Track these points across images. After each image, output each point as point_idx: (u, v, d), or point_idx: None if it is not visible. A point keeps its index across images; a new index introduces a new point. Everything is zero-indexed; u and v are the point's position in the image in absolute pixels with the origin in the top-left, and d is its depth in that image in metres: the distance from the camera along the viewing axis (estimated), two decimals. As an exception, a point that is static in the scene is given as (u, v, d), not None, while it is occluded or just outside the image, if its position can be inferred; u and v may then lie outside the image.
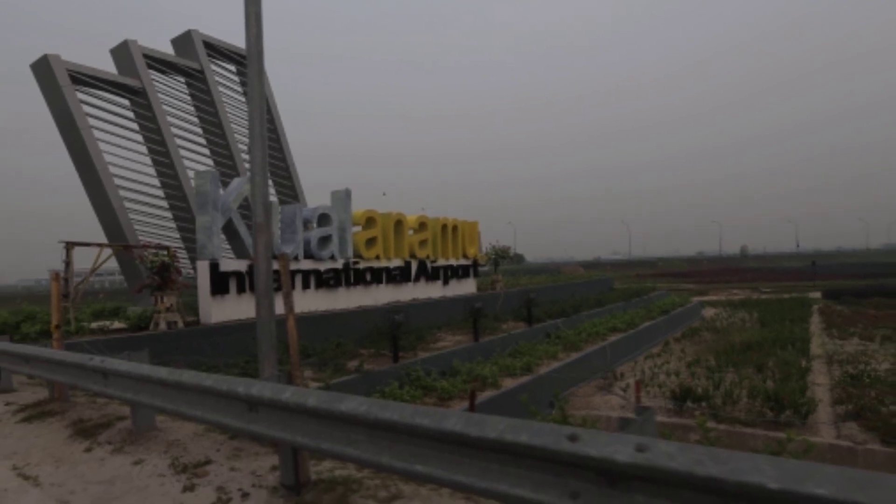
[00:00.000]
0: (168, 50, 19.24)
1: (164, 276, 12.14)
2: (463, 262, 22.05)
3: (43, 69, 15.58)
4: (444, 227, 20.86)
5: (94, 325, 12.76)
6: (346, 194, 16.68)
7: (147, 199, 17.58)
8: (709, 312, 28.25)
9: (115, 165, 16.62)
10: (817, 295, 34.83)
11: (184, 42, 19.52)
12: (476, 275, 23.28)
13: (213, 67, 20.12)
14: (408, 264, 18.95)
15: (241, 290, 13.28)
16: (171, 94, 18.90)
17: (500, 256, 26.19)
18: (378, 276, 17.62)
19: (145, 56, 17.66)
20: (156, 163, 18.03)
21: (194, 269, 14.58)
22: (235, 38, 19.27)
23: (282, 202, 20.34)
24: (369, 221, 17.55)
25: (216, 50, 20.33)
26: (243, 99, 20.76)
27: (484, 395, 10.34)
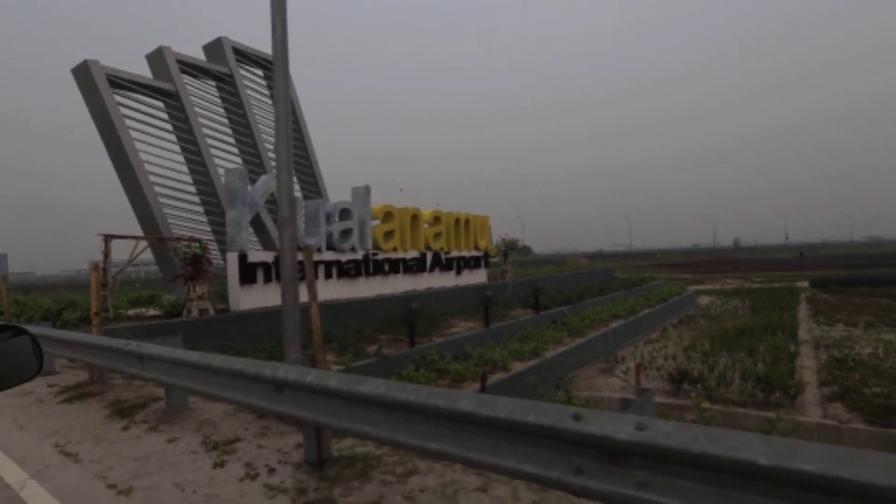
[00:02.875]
0: (200, 56, 19.32)
1: (196, 266, 12.21)
2: (475, 253, 21.99)
3: (83, 73, 15.69)
4: (458, 220, 20.81)
5: (130, 312, 12.88)
6: (366, 190, 16.68)
7: (180, 195, 17.71)
8: (704, 300, 28.04)
9: (150, 163, 16.76)
10: (805, 284, 34.47)
11: (214, 48, 19.60)
12: (487, 265, 23.21)
13: (242, 72, 20.19)
14: (423, 256, 18.94)
15: (267, 279, 13.33)
16: (202, 97, 19.01)
17: (510, 248, 26.14)
18: (395, 266, 17.62)
19: (179, 61, 17.75)
20: (188, 161, 18.14)
21: (224, 260, 14.66)
22: (262, 44, 19.34)
23: (306, 198, 20.39)
24: (387, 216, 17.55)
25: (244, 55, 20.39)
26: (270, 101, 20.80)
27: (494, 378, 10.33)
